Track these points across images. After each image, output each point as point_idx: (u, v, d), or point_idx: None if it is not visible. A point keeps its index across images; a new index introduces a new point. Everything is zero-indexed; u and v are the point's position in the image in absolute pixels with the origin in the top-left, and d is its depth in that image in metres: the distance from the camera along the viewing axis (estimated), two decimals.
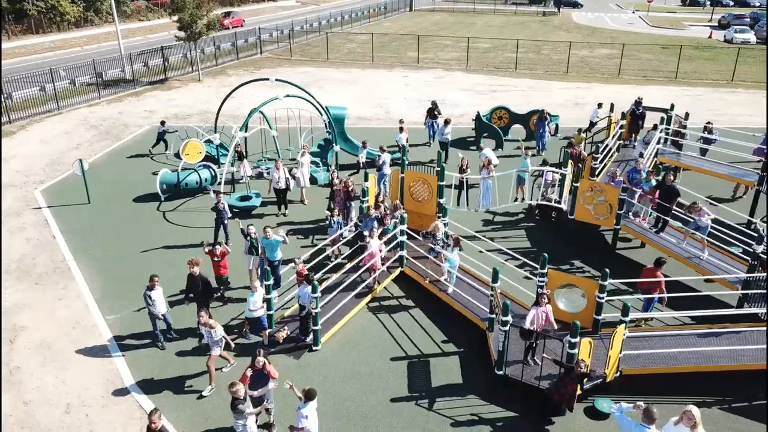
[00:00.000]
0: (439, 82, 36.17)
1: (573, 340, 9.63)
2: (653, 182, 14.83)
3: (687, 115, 20.86)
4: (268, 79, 20.30)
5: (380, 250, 12.94)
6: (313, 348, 11.73)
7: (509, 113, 24.61)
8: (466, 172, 16.28)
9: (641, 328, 11.78)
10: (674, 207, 14.23)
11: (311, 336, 11.72)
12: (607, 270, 11.14)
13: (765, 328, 11.29)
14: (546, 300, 10.76)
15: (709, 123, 20.75)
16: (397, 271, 14.08)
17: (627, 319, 10.19)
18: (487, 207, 16.29)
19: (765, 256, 12.09)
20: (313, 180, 18.99)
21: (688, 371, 10.68)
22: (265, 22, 54.66)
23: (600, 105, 23.69)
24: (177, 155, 19.58)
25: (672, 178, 14.48)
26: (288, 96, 19.44)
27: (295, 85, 19.86)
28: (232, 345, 11.12)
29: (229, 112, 25.88)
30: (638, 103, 20.40)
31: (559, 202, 15.87)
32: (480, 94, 32.84)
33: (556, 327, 10.85)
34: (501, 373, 10.54)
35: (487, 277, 12.78)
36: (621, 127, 19.91)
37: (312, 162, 19.52)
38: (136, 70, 35.16)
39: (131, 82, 33.20)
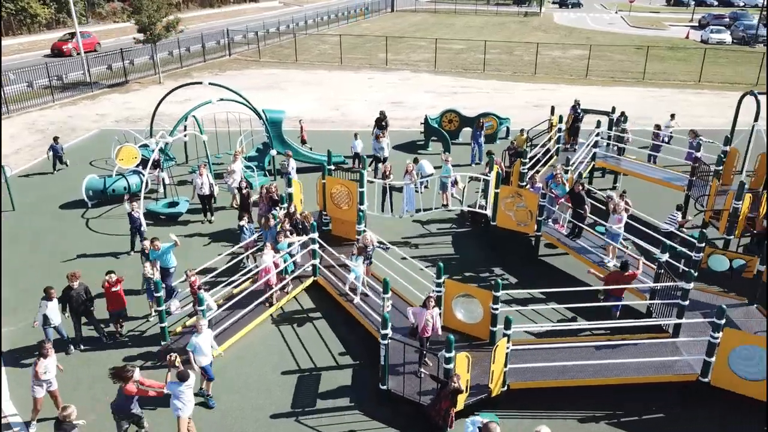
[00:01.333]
0: (405, 84, 35.88)
1: (448, 355, 9.34)
2: (566, 188, 14.58)
3: (623, 114, 20.55)
4: (200, 83, 19.99)
5: (276, 266, 12.57)
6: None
7: (459, 116, 24.32)
8: (389, 178, 15.98)
9: (527, 340, 11.40)
10: (587, 214, 13.98)
11: None
12: (499, 281, 10.85)
13: (666, 340, 11.04)
14: (433, 303, 10.47)
15: (657, 126, 20.52)
16: (310, 281, 13.78)
17: (509, 332, 9.88)
18: (411, 213, 16.01)
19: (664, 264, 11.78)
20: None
21: (579, 385, 10.40)
22: (242, 23, 54.21)
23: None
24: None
25: (581, 186, 14.23)
26: (222, 99, 19.16)
27: (229, 89, 19.53)
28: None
29: (180, 116, 25.54)
30: (576, 105, 20.14)
31: (485, 208, 15.61)
32: (442, 96, 32.55)
33: (440, 333, 10.59)
34: (384, 387, 10.25)
35: (404, 286, 12.58)
36: (559, 130, 19.63)
37: (247, 167, 19.20)
38: (98, 72, 34.86)
39: (89, 85, 32.85)
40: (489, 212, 15.43)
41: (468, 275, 14.52)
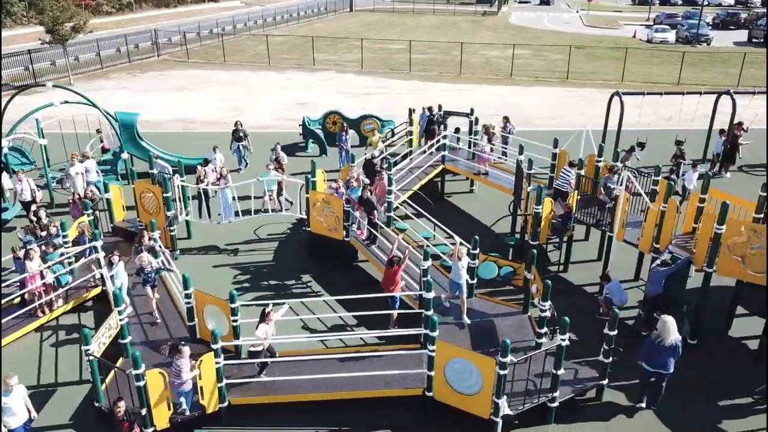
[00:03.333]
0: (323, 84, 35.49)
1: (135, 372, 8.92)
2: (358, 192, 14.25)
3: (440, 107, 20.32)
4: (44, 85, 19.54)
5: (43, 276, 12.13)
6: None
7: (343, 118, 23.93)
8: (203, 182, 15.55)
9: (290, 352, 10.97)
10: (377, 219, 13.62)
11: None
12: (234, 292, 10.45)
13: (411, 351, 10.65)
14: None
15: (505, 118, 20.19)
16: (96, 291, 13.34)
17: (216, 346, 9.47)
18: (229, 219, 15.60)
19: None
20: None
21: (306, 400, 10.01)
22: (195, 23, 53.61)
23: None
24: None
25: (369, 192, 13.85)
26: (66, 102, 18.72)
27: (75, 92, 19.06)
28: None
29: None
30: (430, 108, 19.76)
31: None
32: (353, 96, 32.16)
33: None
34: (97, 405, 9.84)
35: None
36: (410, 133, 19.25)
37: (102, 170, 18.75)
38: (12, 74, 34.37)
39: None
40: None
41: (272, 283, 14.12)
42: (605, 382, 10.41)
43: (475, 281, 12.15)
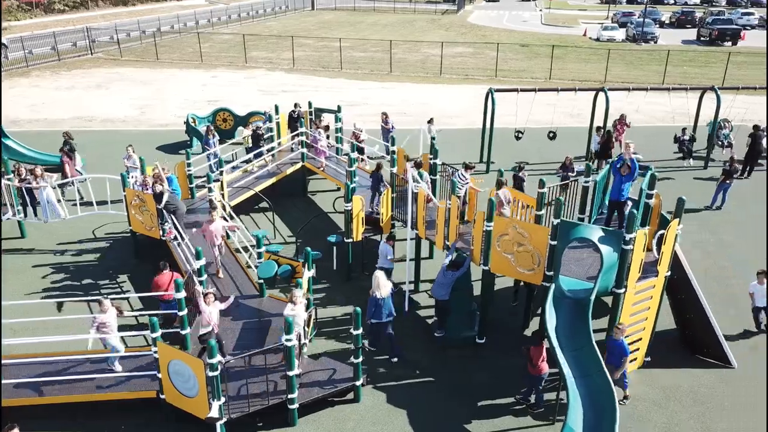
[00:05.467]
0: (246, 82, 35.15)
1: None
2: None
3: (310, 103, 20.20)
4: None
5: None
6: None
7: (233, 115, 23.67)
8: (25, 181, 15.22)
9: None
10: (179, 223, 13.38)
11: None
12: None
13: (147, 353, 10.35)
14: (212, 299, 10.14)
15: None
16: None
17: None
18: (57, 218, 15.29)
19: None
20: None
21: (41, 403, 9.72)
22: (150, 21, 53.16)
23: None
24: None
25: (162, 190, 13.46)
26: None
27: None
28: None
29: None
30: (296, 104, 19.53)
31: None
32: (270, 94, 31.83)
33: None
34: None
35: None
36: (270, 129, 18.96)
37: None
38: None
39: None
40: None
41: (84, 283, 13.85)
42: (359, 382, 10.18)
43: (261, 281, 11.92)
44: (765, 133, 21.49)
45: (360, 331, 9.77)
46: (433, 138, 17.74)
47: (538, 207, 11.42)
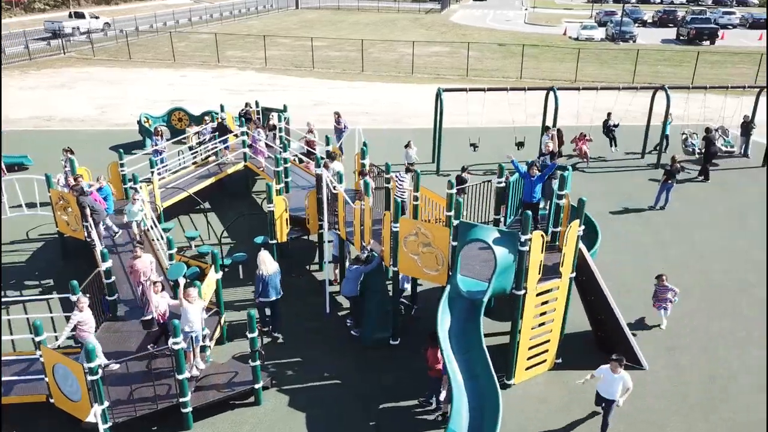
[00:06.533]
0: (214, 81, 35.02)
1: None
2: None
3: (257, 102, 20.15)
4: None
5: None
6: None
7: (188, 115, 23.53)
8: None
9: None
10: (98, 227, 13.28)
11: None
12: None
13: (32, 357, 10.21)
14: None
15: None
16: None
17: None
18: None
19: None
20: None
21: None
22: (127, 21, 53.01)
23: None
24: None
25: (77, 193, 13.37)
26: None
27: None
28: None
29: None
30: (247, 104, 19.43)
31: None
32: (235, 93, 31.68)
33: None
34: None
35: None
36: (214, 129, 18.84)
37: None
38: None
39: None
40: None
41: (12, 282, 13.73)
42: (260, 385, 10.06)
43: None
44: (718, 134, 21.45)
45: (255, 334, 9.65)
46: (411, 163, 17.76)
47: (448, 207, 11.31)
